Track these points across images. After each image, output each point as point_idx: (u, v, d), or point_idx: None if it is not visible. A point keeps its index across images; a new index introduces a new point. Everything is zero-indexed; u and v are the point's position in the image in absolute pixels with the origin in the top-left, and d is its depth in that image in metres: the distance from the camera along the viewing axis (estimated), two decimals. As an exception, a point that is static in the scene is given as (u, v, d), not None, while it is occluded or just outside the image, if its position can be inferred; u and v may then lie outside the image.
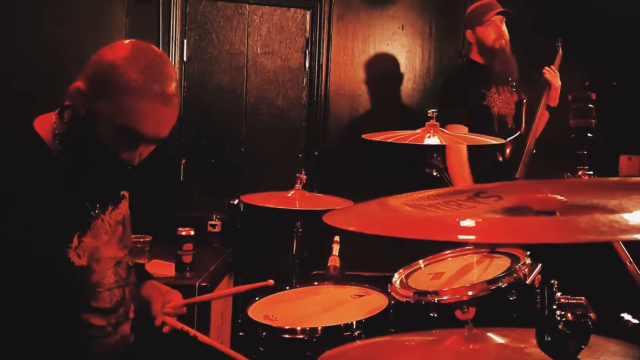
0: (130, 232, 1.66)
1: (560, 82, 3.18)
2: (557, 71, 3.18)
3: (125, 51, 1.35)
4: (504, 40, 3.09)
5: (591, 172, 1.78)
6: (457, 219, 0.86)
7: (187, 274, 2.68)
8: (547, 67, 3.18)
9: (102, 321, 1.49)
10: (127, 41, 1.39)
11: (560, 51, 3.30)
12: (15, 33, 3.37)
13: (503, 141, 3.02)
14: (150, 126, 1.35)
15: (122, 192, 1.63)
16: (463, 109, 3.01)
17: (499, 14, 3.08)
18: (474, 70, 3.20)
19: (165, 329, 1.67)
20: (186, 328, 1.68)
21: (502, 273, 1.68)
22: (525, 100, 3.19)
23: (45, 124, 1.42)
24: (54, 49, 3.32)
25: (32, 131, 1.41)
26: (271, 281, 1.79)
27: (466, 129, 2.94)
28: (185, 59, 3.65)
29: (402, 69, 3.89)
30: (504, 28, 3.11)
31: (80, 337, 1.46)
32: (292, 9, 3.77)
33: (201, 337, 1.67)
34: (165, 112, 1.36)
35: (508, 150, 3.09)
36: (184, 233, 2.71)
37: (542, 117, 3.18)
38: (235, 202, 3.61)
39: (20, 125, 1.44)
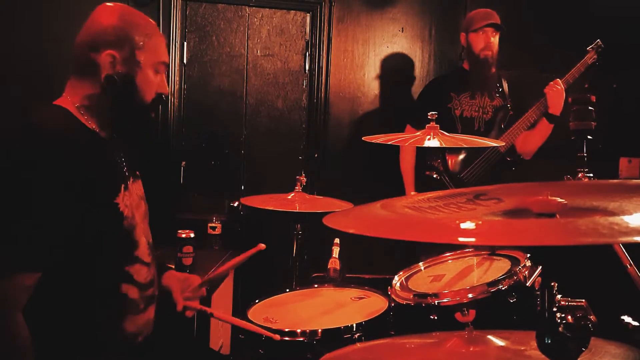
0: (148, 213, 1.74)
1: (562, 94, 3.07)
2: (561, 85, 3.07)
3: (119, 8, 1.60)
4: (490, 52, 3.13)
5: (591, 175, 1.78)
6: (457, 221, 0.86)
7: (187, 276, 2.67)
8: (555, 81, 3.10)
9: (137, 295, 1.57)
10: (109, 3, 1.62)
11: (593, 54, 3.16)
12: (15, 34, 3.38)
13: (503, 143, 3.03)
14: (165, 53, 1.63)
15: (137, 172, 1.71)
16: (419, 110, 3.05)
17: (489, 25, 3.12)
18: (455, 74, 3.32)
19: (189, 314, 1.73)
20: (204, 308, 1.77)
21: (503, 275, 1.68)
22: (509, 106, 3.22)
23: (65, 104, 1.57)
24: (54, 51, 3.32)
25: (62, 109, 1.55)
26: (262, 245, 1.81)
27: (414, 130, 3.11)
28: (185, 61, 3.65)
29: (402, 71, 3.89)
30: (494, 40, 3.14)
31: (116, 309, 1.52)
32: (292, 12, 3.77)
33: (217, 314, 1.80)
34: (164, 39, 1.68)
35: (461, 156, 3.15)
36: (183, 235, 2.71)
37: (540, 129, 3.13)
38: (236, 204, 3.61)
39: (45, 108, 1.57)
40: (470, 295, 1.60)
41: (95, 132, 1.57)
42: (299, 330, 1.85)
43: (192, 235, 2.72)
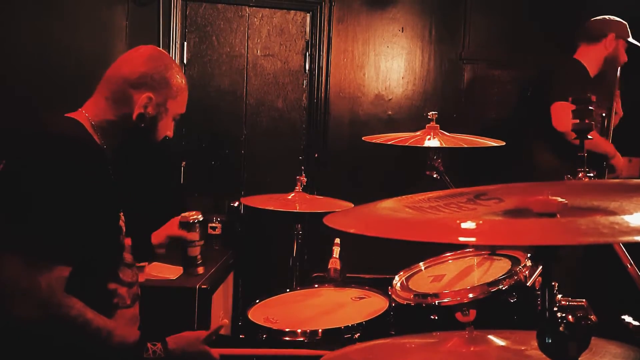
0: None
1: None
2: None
3: (164, 57, 1.74)
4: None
5: (591, 174, 1.78)
6: (457, 221, 0.86)
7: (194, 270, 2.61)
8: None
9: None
10: (155, 48, 1.75)
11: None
12: (16, 36, 3.38)
13: (502, 143, 3.01)
14: (185, 106, 1.80)
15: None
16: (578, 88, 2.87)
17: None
18: (580, 71, 3.14)
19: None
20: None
21: (503, 275, 1.68)
22: (604, 115, 3.18)
23: (81, 119, 1.66)
24: (54, 52, 3.33)
25: (79, 123, 1.64)
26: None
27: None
28: (185, 61, 3.65)
29: (402, 71, 3.89)
30: None
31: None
32: (292, 12, 3.77)
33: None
34: None
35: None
36: (191, 220, 2.06)
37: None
38: (236, 204, 3.61)
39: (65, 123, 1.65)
40: (470, 295, 1.60)
41: (104, 151, 1.68)
42: (299, 330, 1.85)
43: (200, 217, 2.06)
